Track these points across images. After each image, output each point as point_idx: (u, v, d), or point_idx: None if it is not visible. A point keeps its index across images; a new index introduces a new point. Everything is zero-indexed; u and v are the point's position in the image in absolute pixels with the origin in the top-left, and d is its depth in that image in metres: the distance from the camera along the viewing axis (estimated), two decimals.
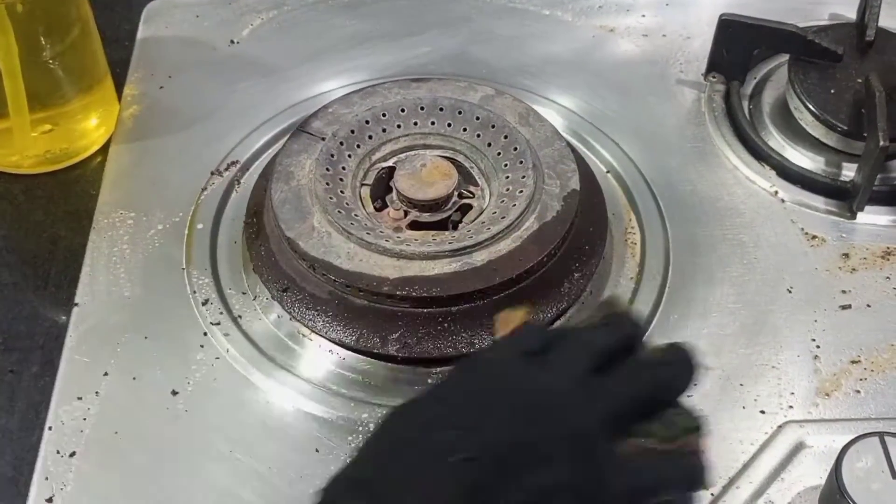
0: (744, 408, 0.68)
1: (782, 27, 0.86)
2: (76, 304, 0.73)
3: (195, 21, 0.97)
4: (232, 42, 0.94)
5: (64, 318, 0.73)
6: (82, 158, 0.85)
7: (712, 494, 0.63)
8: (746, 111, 0.87)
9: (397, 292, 0.67)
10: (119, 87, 0.90)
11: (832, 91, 0.84)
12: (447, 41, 0.94)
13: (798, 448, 0.65)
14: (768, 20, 0.87)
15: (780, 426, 0.66)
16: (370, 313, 0.68)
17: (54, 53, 0.79)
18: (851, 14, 0.92)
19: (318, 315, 0.69)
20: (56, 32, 0.80)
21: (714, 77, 0.90)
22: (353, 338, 0.68)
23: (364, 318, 0.68)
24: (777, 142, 0.85)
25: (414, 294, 0.67)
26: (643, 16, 0.98)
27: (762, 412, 0.67)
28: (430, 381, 0.69)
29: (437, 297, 0.67)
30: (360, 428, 0.66)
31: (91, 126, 0.86)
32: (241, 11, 0.98)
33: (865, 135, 0.79)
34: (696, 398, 0.67)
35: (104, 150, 0.86)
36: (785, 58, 0.89)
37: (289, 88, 0.89)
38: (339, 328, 0.68)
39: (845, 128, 0.82)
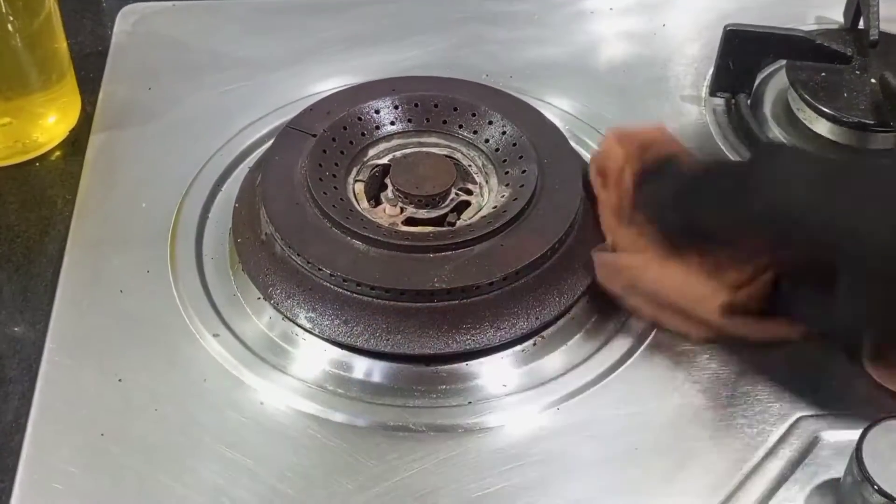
0: (757, 401, 0.70)
1: (791, 34, 0.88)
2: (55, 308, 0.75)
3: (174, 24, 1.00)
4: (212, 46, 0.97)
5: (42, 322, 0.74)
6: (37, 155, 0.88)
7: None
8: (749, 116, 0.90)
9: (396, 287, 0.69)
10: (94, 93, 0.92)
11: (836, 89, 0.88)
12: (439, 45, 0.98)
13: (814, 443, 0.67)
14: (775, 28, 0.89)
15: (794, 421, 0.68)
16: (366, 309, 0.70)
17: (23, 37, 0.83)
18: (837, 16, 0.97)
19: (312, 313, 0.71)
20: (25, 14, 0.82)
21: (720, 95, 0.92)
22: (349, 336, 0.70)
23: (360, 315, 0.70)
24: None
25: (413, 289, 0.69)
26: (639, 19, 1.02)
27: (774, 406, 0.70)
28: (429, 378, 0.72)
29: (438, 290, 0.69)
30: (358, 425, 0.68)
31: (49, 123, 0.88)
32: (221, 14, 1.01)
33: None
34: (708, 396, 0.70)
35: (61, 146, 0.89)
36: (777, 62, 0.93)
37: (272, 92, 0.92)
38: (333, 326, 0.71)
39: (870, 122, 0.85)
